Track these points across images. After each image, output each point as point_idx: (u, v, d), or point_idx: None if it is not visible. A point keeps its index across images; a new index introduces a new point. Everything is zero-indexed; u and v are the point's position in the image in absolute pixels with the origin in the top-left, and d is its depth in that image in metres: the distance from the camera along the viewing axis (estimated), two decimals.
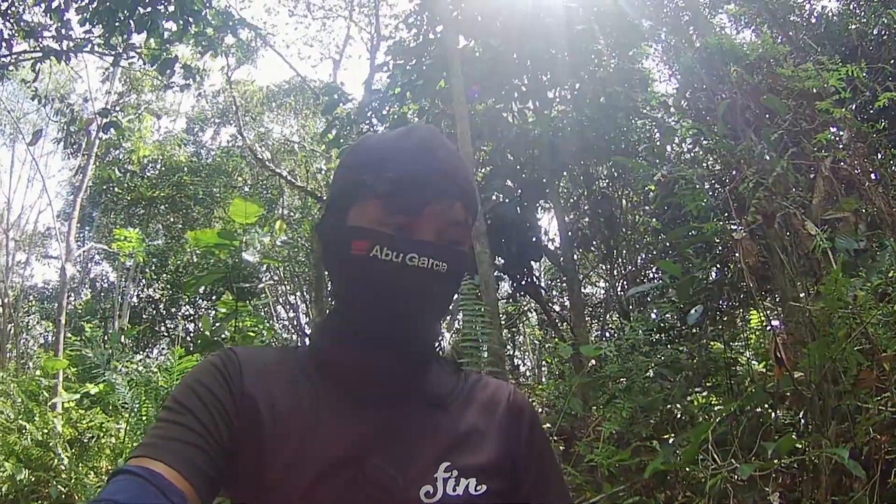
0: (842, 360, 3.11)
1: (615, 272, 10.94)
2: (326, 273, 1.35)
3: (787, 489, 3.32)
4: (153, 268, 22.86)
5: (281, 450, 1.12)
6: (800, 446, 3.35)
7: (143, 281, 23.95)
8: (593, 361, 6.12)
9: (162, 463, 1.01)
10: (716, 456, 3.13)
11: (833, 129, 4.96)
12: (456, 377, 1.34)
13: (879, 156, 5.62)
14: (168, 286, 23.98)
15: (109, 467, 9.56)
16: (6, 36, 11.41)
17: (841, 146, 4.51)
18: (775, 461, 3.00)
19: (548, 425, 5.80)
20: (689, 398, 4.91)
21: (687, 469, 3.50)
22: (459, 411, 1.27)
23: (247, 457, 1.12)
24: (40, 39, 11.52)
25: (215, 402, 1.13)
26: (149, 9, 10.40)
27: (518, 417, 1.32)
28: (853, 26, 10.03)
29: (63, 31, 10.93)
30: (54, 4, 10.36)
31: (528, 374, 16.59)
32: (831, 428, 3.07)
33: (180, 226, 24.03)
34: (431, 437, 1.20)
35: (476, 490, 1.16)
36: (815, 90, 4.99)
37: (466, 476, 1.17)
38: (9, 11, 11.36)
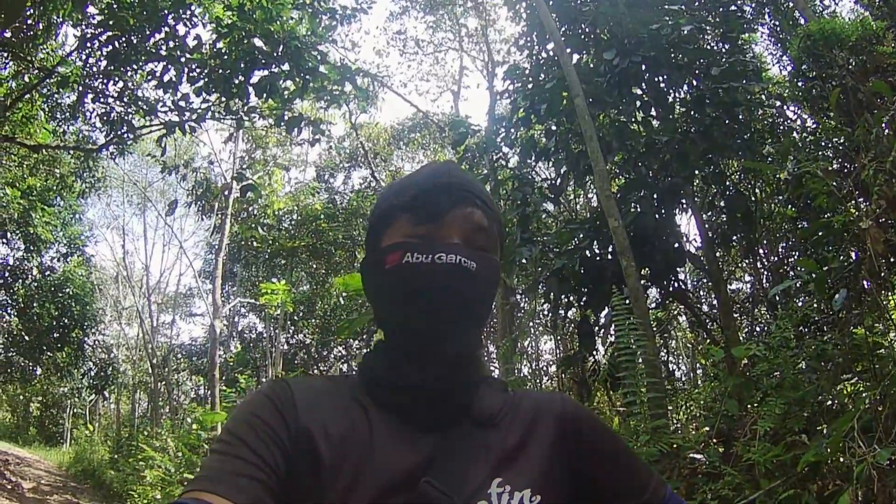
0: None
1: (759, 265, 10.80)
2: (372, 307, 1.41)
3: None
4: (301, 314, 23.48)
5: (337, 477, 1.15)
6: None
7: (293, 328, 24.58)
8: (745, 361, 6.14)
9: (216, 495, 1.03)
10: (862, 443, 3.22)
11: None
12: (504, 396, 1.38)
13: None
14: (317, 330, 24.55)
15: None
16: (124, 116, 12.07)
17: None
18: None
19: (706, 429, 5.89)
20: (838, 387, 4.91)
21: (835, 458, 3.56)
22: (508, 427, 1.31)
23: (302, 485, 1.14)
24: (158, 114, 11.96)
25: (269, 431, 1.15)
26: (265, 72, 10.83)
27: (574, 423, 1.36)
28: None
29: (181, 103, 11.40)
30: (166, 78, 10.83)
31: (683, 378, 16.36)
32: None
33: (324, 271, 24.64)
34: (483, 455, 1.24)
35: (531, 501, 1.20)
36: None
37: (520, 489, 1.21)
38: (125, 92, 12.06)
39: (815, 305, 6.02)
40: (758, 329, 10.65)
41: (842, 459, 3.49)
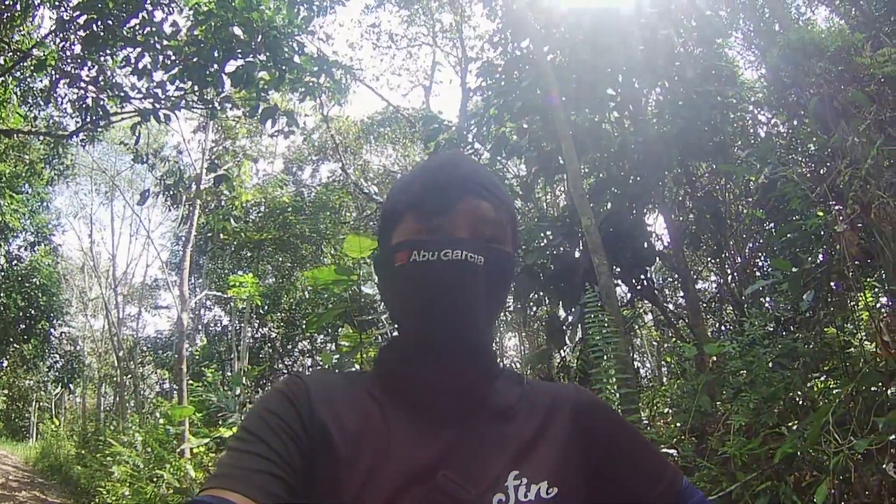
0: None
1: (726, 265, 10.98)
2: (385, 304, 1.42)
3: None
4: (267, 308, 23.18)
5: (353, 471, 1.15)
6: None
7: (258, 322, 24.33)
8: (714, 358, 6.28)
9: (234, 492, 1.03)
10: (837, 436, 3.37)
11: None
12: (520, 387, 1.37)
13: None
14: (282, 324, 24.37)
15: None
16: (98, 102, 11.93)
17: None
18: (889, 436, 3.22)
19: (678, 424, 6.03)
20: (809, 384, 5.06)
21: (812, 450, 3.68)
22: (525, 419, 1.30)
23: (320, 479, 1.15)
24: (131, 101, 11.87)
25: (285, 427, 1.15)
26: (240, 61, 10.72)
27: (589, 414, 1.36)
28: None
29: (156, 91, 11.32)
30: (140, 65, 10.71)
31: (647, 376, 16.53)
32: None
33: (289, 264, 24.54)
34: (500, 447, 1.23)
35: (548, 493, 1.20)
36: (894, 75, 5.15)
37: (537, 481, 1.20)
38: (99, 77, 11.93)
39: (786, 305, 6.17)
40: (725, 328, 10.83)
41: (817, 452, 3.61)
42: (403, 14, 25.98)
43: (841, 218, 4.51)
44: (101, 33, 10.53)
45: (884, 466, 3.20)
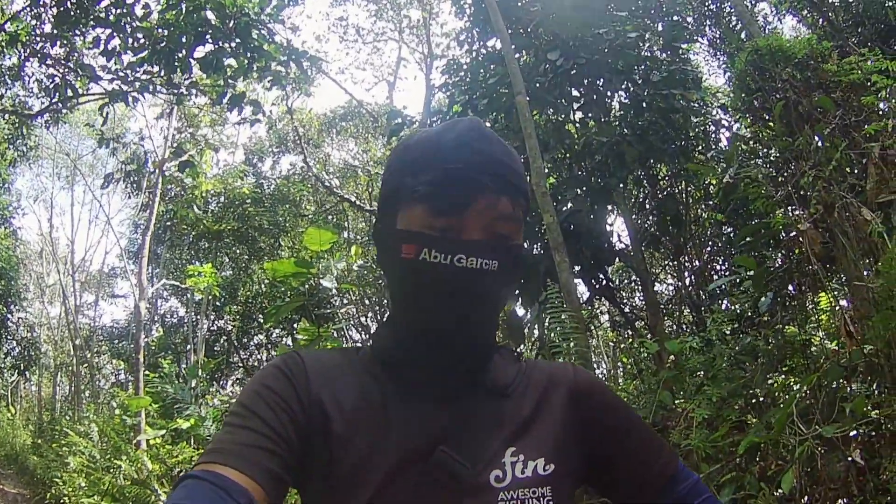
0: None
1: (684, 268, 11.12)
2: (385, 280, 1.36)
3: (868, 454, 3.60)
4: (223, 300, 23.01)
5: (350, 448, 1.16)
6: (875, 415, 3.64)
7: (214, 313, 24.19)
8: (672, 357, 6.36)
9: (228, 467, 1.03)
10: (801, 426, 3.45)
11: (881, 116, 5.22)
12: (517, 365, 1.36)
13: None
14: (239, 317, 24.17)
15: None
16: (66, 81, 11.80)
17: (887, 133, 4.76)
18: (853, 424, 3.31)
19: None
20: (769, 381, 5.16)
21: (776, 440, 3.75)
22: (522, 397, 1.30)
23: (316, 456, 1.16)
24: (100, 82, 11.72)
25: (282, 403, 1.15)
26: (210, 46, 10.66)
27: (585, 394, 1.36)
28: (890, 4, 10.11)
29: (125, 73, 11.18)
30: (110, 46, 10.59)
31: (603, 376, 16.64)
32: None
33: (247, 257, 24.33)
34: (497, 424, 1.23)
35: (545, 470, 1.20)
36: (860, 81, 5.29)
37: (534, 458, 1.21)
38: (69, 58, 11.80)
39: (748, 304, 6.28)
40: (683, 330, 10.99)
41: (782, 443, 3.69)
42: (371, 8, 26.02)
43: (804, 217, 4.61)
44: (73, 12, 10.39)
45: (850, 456, 3.28)
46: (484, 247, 1.18)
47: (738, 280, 6.57)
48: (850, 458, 3.29)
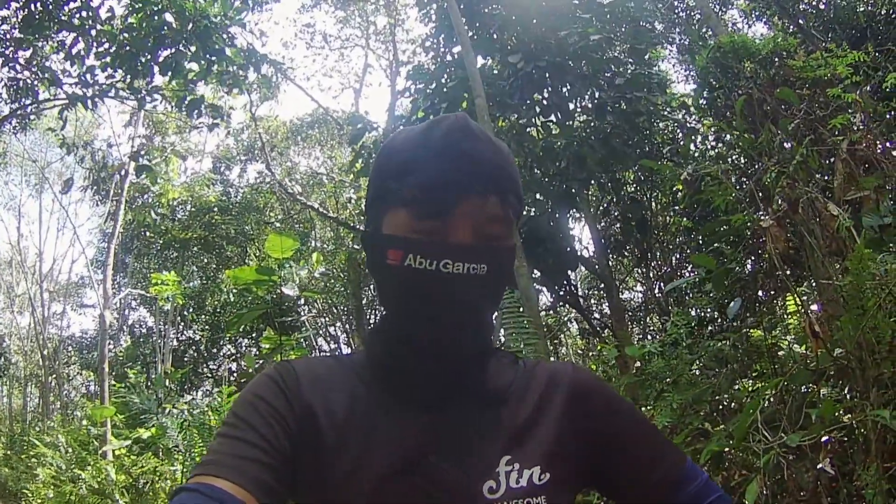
0: (875, 330, 3.25)
1: (651, 274, 11.04)
2: (373, 278, 1.31)
3: (839, 460, 3.45)
4: (191, 310, 23.06)
5: (342, 458, 1.13)
6: (847, 420, 3.49)
7: (183, 323, 24.14)
8: (637, 363, 6.22)
9: (222, 478, 1.02)
10: (766, 434, 3.28)
11: (848, 113, 5.11)
12: (514, 368, 1.31)
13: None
14: (207, 327, 24.08)
15: None
16: (30, 84, 11.68)
17: (855, 128, 4.64)
18: (821, 430, 3.15)
19: None
20: (735, 387, 5.01)
21: (740, 449, 3.61)
22: (517, 402, 1.25)
23: (308, 466, 1.13)
24: (63, 87, 11.65)
25: (274, 413, 1.13)
26: (171, 50, 10.63)
27: (585, 395, 1.30)
28: (861, 9, 10.13)
29: (86, 77, 11.13)
30: (74, 51, 10.59)
31: None
32: (873, 395, 3.21)
33: (214, 266, 24.21)
34: (491, 432, 1.19)
35: (540, 479, 1.16)
36: (826, 77, 5.17)
37: (529, 466, 1.16)
38: (33, 61, 11.64)
39: (710, 310, 6.15)
40: (650, 336, 10.89)
41: (746, 450, 3.54)
42: (339, 15, 25.91)
43: (767, 215, 4.46)
44: (38, 15, 10.35)
45: (821, 464, 3.12)
46: (472, 251, 1.14)
47: (698, 281, 6.43)
48: (819, 467, 3.13)
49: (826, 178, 4.88)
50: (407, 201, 1.15)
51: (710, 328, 6.50)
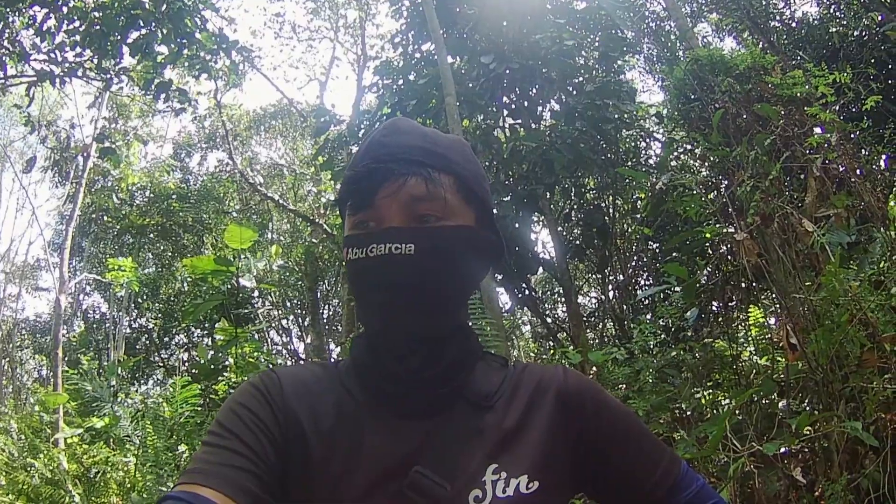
0: (845, 344, 3.31)
1: (608, 281, 11.11)
2: None
3: (803, 471, 3.50)
4: (145, 297, 22.68)
5: (327, 467, 1.13)
6: (808, 431, 3.54)
7: (136, 311, 23.80)
8: (595, 368, 6.24)
9: (208, 487, 1.01)
10: (735, 442, 3.32)
11: (820, 131, 5.19)
12: (502, 373, 1.29)
13: (865, 153, 5.88)
14: (160, 315, 23.73)
15: (119, 502, 9.47)
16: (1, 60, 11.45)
17: (830, 147, 4.72)
18: (795, 440, 3.20)
19: None
20: (696, 395, 5.06)
21: (709, 456, 3.64)
22: (506, 407, 1.23)
23: (294, 475, 1.13)
24: (31, 63, 11.48)
25: (259, 423, 1.13)
26: (142, 31, 10.51)
27: (576, 399, 1.27)
28: (834, 29, 10.27)
29: (55, 54, 10.97)
30: (45, 27, 10.43)
31: None
32: (840, 408, 3.26)
33: (170, 254, 23.90)
34: (477, 439, 1.17)
35: (528, 489, 1.14)
36: (802, 95, 5.25)
37: (516, 475, 1.14)
38: (3, 34, 11.42)
39: (674, 316, 6.21)
40: (605, 342, 10.96)
41: (716, 457, 3.58)
42: (309, 6, 25.70)
43: (741, 228, 4.52)
44: None
45: (792, 473, 3.17)
46: (397, 232, 1.15)
47: (666, 291, 6.48)
48: (790, 476, 3.18)
49: (795, 195, 4.95)
50: (344, 201, 1.22)
51: (675, 336, 6.57)
